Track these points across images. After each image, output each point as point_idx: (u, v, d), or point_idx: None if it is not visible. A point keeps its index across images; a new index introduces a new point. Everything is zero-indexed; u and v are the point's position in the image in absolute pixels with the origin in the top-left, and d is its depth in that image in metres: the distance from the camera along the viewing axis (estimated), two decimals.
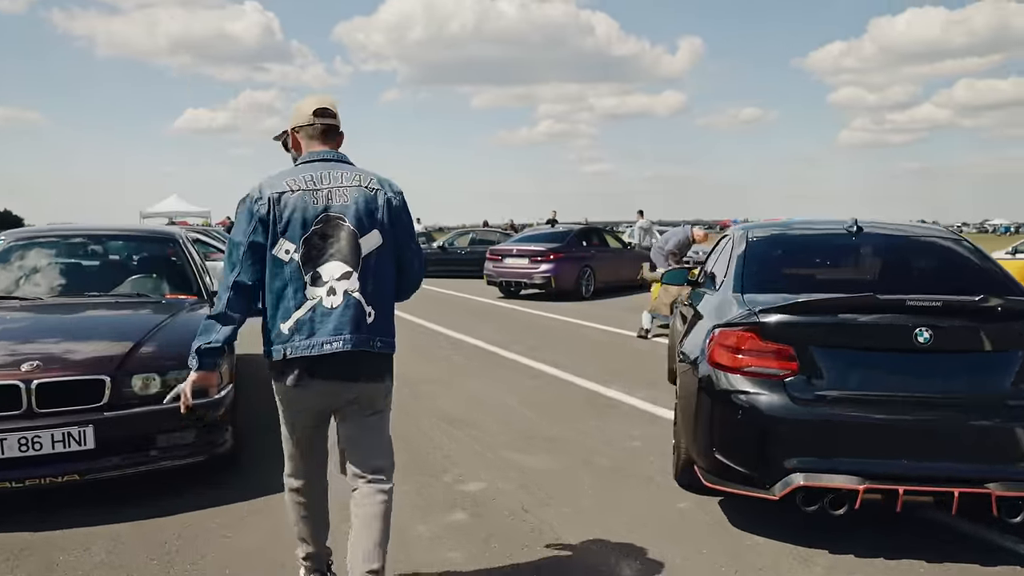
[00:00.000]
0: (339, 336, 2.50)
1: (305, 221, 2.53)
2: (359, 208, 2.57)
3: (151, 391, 3.80)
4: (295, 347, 2.52)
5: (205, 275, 5.46)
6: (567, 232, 15.40)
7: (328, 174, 2.60)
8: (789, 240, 4.58)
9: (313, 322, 2.51)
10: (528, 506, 3.86)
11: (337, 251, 2.54)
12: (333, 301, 2.52)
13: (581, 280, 14.74)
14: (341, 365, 2.53)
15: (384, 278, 2.62)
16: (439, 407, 5.89)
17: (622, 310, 12.96)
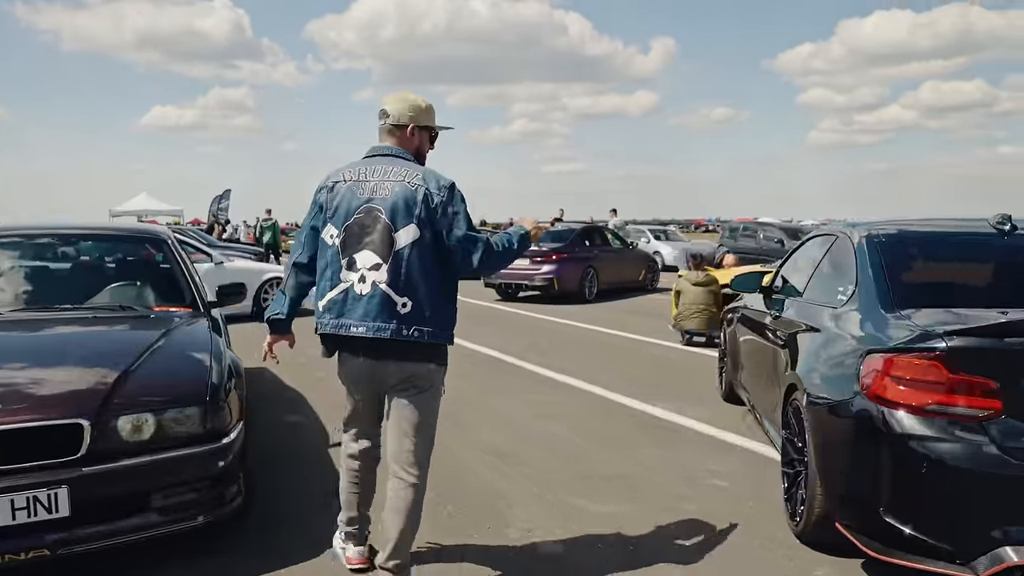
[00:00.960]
0: (364, 322, 2.68)
1: (349, 210, 2.73)
2: (397, 203, 2.68)
3: (144, 436, 2.94)
4: (324, 324, 2.78)
5: (199, 281, 4.60)
6: (569, 231, 14.63)
7: (379, 168, 2.75)
8: (926, 242, 3.80)
9: (344, 304, 2.71)
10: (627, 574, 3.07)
11: (371, 242, 2.68)
12: (363, 289, 2.68)
13: (584, 281, 13.99)
14: (372, 349, 2.72)
15: (423, 271, 2.69)
16: (479, 437, 5.07)
17: (629, 313, 12.22)
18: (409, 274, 2.68)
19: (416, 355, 2.74)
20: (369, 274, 2.69)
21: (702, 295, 8.69)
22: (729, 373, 5.80)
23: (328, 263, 2.77)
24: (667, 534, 3.48)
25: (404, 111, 2.85)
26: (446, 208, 2.71)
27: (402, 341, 2.68)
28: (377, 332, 2.67)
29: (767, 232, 20.90)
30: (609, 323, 10.86)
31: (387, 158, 2.81)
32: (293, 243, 2.96)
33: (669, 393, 6.31)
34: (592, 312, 12.38)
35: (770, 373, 4.32)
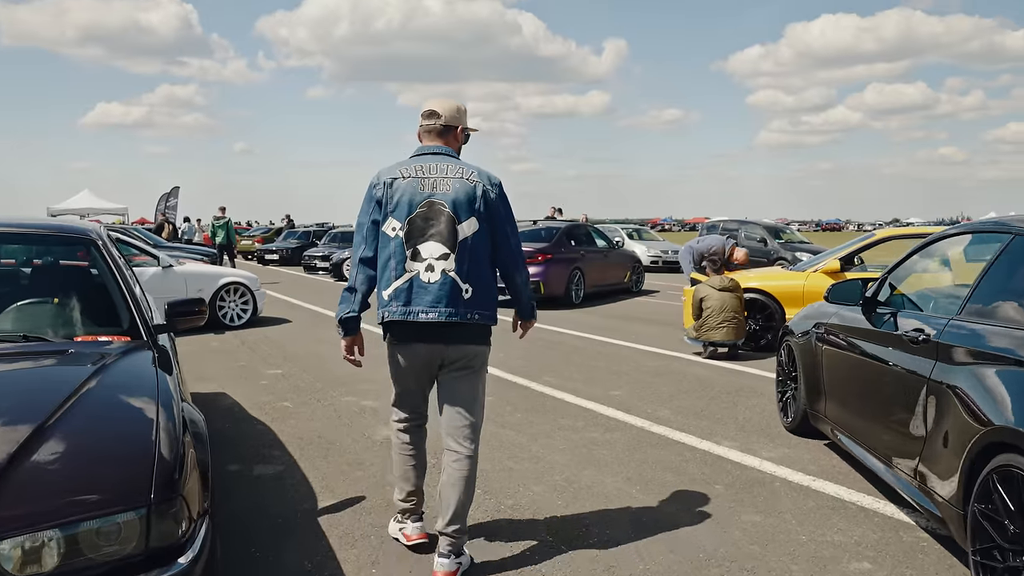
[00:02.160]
0: (436, 308, 2.86)
1: (411, 204, 2.89)
2: (459, 197, 2.90)
3: (45, 567, 1.76)
4: (391, 312, 2.90)
5: (141, 296, 3.38)
6: (554, 230, 13.54)
7: (435, 166, 2.95)
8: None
9: (411, 292, 2.88)
10: None
11: (437, 233, 2.88)
12: (431, 277, 2.87)
13: (571, 284, 12.92)
14: (439, 332, 2.89)
15: (481, 260, 2.94)
16: (531, 498, 3.94)
17: (624, 319, 11.18)
18: (472, 262, 2.90)
19: (476, 337, 2.97)
20: (437, 263, 2.87)
21: (730, 302, 7.67)
22: (802, 401, 4.75)
23: (392, 254, 2.91)
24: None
25: (454, 113, 3.06)
26: (498, 204, 2.98)
27: (466, 324, 2.90)
28: (448, 317, 2.86)
29: (748, 231, 20.13)
30: (609, 332, 9.79)
31: (439, 156, 2.99)
32: (355, 239, 3.03)
33: (724, 424, 5.25)
34: (584, 319, 11.32)
35: (907, 414, 3.28)
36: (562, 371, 7.18)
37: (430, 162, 2.96)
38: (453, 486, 2.93)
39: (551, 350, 8.41)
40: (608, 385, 6.56)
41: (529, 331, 3.38)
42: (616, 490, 3.96)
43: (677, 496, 3.87)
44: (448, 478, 2.95)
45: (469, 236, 2.90)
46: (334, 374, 6.97)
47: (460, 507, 2.92)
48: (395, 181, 2.93)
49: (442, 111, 3.05)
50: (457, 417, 2.99)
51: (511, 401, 5.95)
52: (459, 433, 2.98)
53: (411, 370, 3.03)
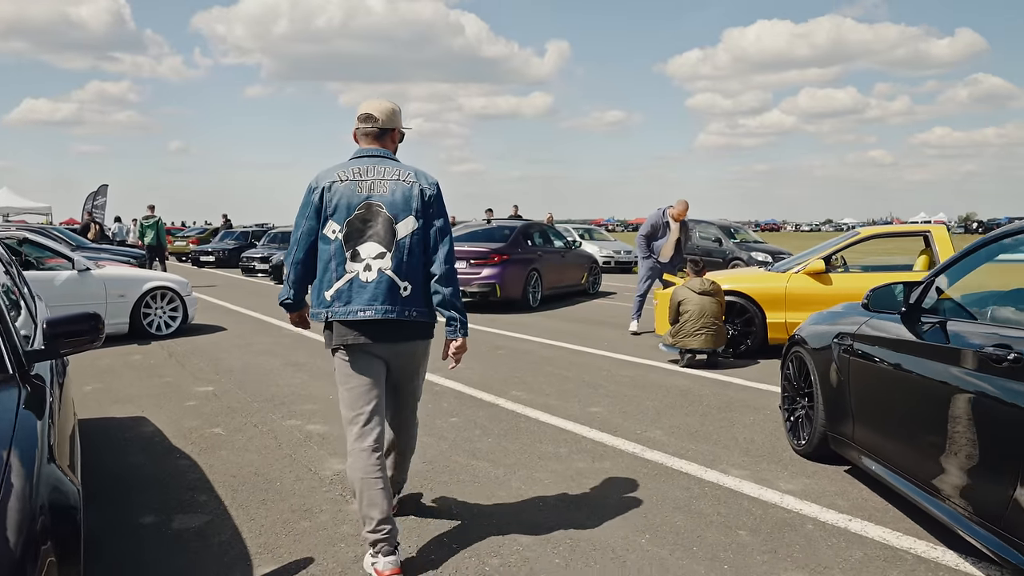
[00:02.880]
0: (372, 306, 2.92)
1: (350, 207, 2.96)
2: (396, 199, 2.98)
3: None
4: (334, 312, 2.95)
5: (27, 312, 2.55)
6: (510, 228, 12.82)
7: (373, 168, 3.01)
8: None
9: (351, 292, 2.94)
10: None
11: (375, 234, 2.95)
12: (369, 276, 2.93)
13: (528, 287, 12.24)
14: (380, 330, 2.95)
15: (419, 259, 3.00)
16: (521, 554, 3.21)
17: (587, 324, 10.54)
18: (409, 261, 2.98)
19: (416, 334, 3.07)
20: (374, 263, 2.94)
21: (710, 307, 7.07)
22: (820, 422, 4.14)
23: (332, 256, 2.96)
24: None
25: (390, 115, 3.13)
26: (435, 204, 3.05)
27: (405, 322, 2.98)
28: (385, 314, 2.92)
29: (703, 230, 19.76)
30: (574, 338, 9.13)
31: (377, 159, 3.06)
32: (291, 240, 3.06)
33: (726, 447, 4.62)
34: (546, 323, 10.64)
35: (987, 449, 2.68)
36: (532, 384, 6.48)
37: (368, 164, 3.03)
38: (402, 456, 3.34)
39: (516, 359, 7.70)
40: (586, 400, 5.88)
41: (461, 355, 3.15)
42: (623, 541, 3.26)
43: (696, 547, 3.19)
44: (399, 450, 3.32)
45: (406, 236, 2.98)
46: (273, 391, 6.14)
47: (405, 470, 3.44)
48: (333, 184, 2.99)
49: (379, 114, 3.12)
50: (404, 406, 3.25)
51: (480, 423, 5.21)
52: (404, 421, 3.27)
53: (364, 371, 3.02)
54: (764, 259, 18.42)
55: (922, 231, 7.41)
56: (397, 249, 2.95)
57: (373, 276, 2.93)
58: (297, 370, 7.05)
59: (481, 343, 8.78)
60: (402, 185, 3.00)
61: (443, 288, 3.01)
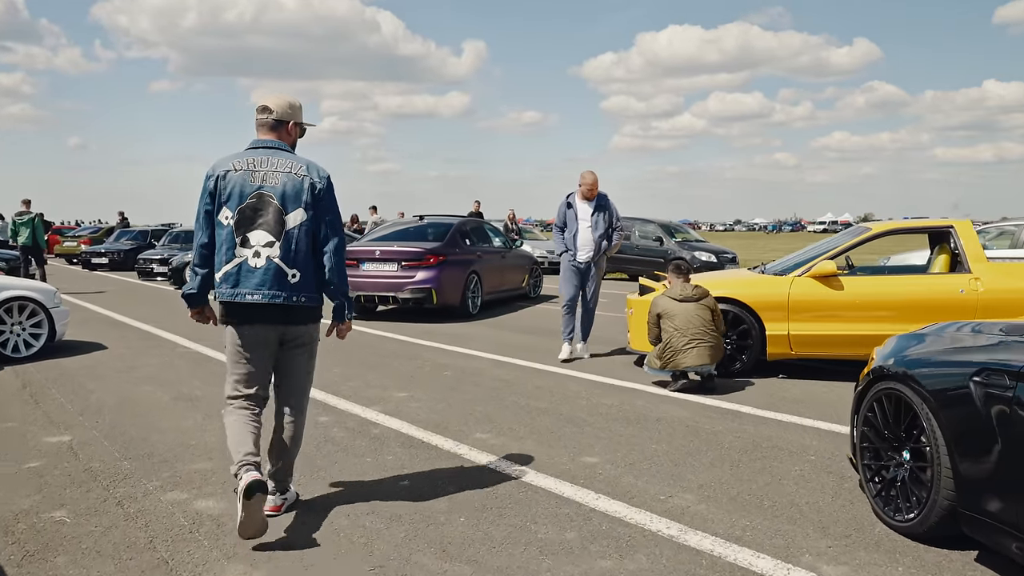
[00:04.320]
0: (260, 290, 3.10)
1: (242, 195, 3.11)
2: (287, 190, 3.14)
3: None
4: (222, 293, 3.14)
5: None
6: (446, 226, 11.36)
7: (267, 159, 3.17)
8: None
9: (239, 276, 3.11)
10: None
11: (265, 222, 3.12)
12: (257, 262, 3.11)
13: (467, 291, 10.82)
14: (268, 313, 3.14)
15: (307, 248, 3.18)
16: None
17: (537, 335, 9.20)
18: (298, 250, 3.15)
19: (304, 318, 3.24)
20: (263, 250, 3.11)
21: (697, 315, 5.85)
22: (945, 494, 2.91)
23: (224, 241, 3.13)
24: None
25: (286, 108, 3.28)
26: (326, 196, 3.21)
27: (292, 306, 3.16)
28: (272, 299, 3.11)
29: (642, 229, 18.76)
30: (529, 353, 7.77)
31: (271, 150, 3.22)
32: (195, 226, 3.20)
33: (794, 523, 3.33)
34: (490, 334, 9.25)
35: None
36: (497, 421, 5.08)
37: (262, 155, 3.18)
38: (284, 442, 3.34)
39: (469, 384, 6.28)
40: (573, 445, 4.52)
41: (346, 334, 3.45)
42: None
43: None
44: (281, 434, 3.34)
45: (295, 227, 3.14)
46: (154, 441, 4.55)
47: (289, 457, 3.38)
48: (228, 173, 3.14)
49: (274, 106, 3.26)
50: (291, 389, 3.36)
51: (443, 488, 3.78)
52: (293, 402, 3.37)
53: (248, 349, 3.21)
54: (708, 259, 17.55)
55: (944, 226, 6.38)
56: (286, 239, 3.13)
57: (262, 263, 3.11)
58: (190, 407, 5.45)
59: (421, 361, 7.31)
60: (293, 178, 3.16)
61: (334, 277, 3.24)
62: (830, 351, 6.29)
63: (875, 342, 6.18)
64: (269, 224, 3.12)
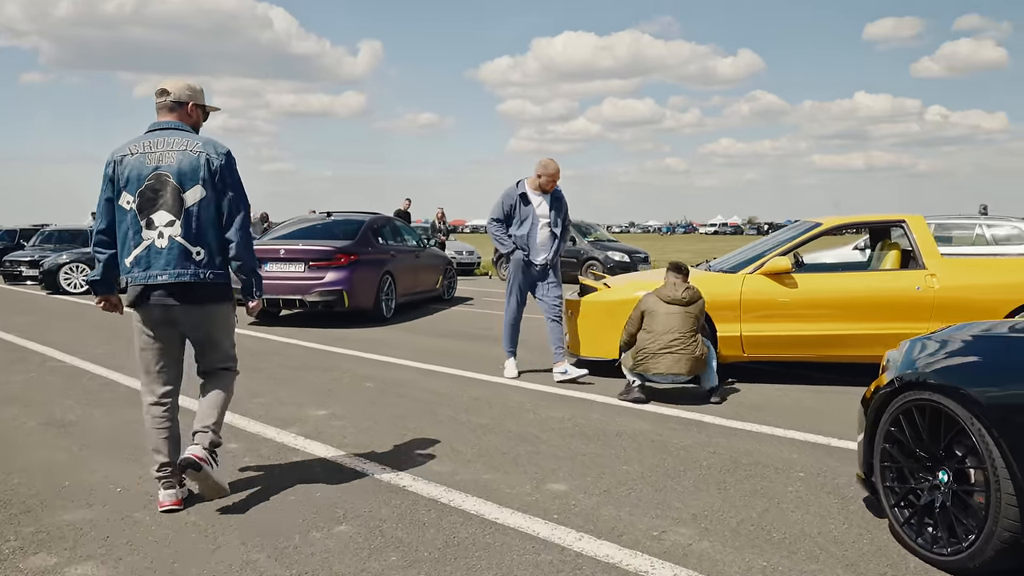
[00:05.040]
0: (167, 270, 3.13)
1: (140, 178, 3.14)
2: (183, 168, 3.14)
3: None
4: (134, 277, 3.17)
5: None
6: (356, 223, 10.52)
7: (163, 140, 3.19)
8: None
9: (148, 258, 3.14)
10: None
11: (164, 203, 3.13)
12: (162, 243, 3.13)
13: (381, 294, 10.04)
14: (179, 293, 3.16)
15: (210, 225, 3.19)
16: None
17: (464, 340, 8.57)
18: (200, 227, 3.17)
19: (214, 296, 3.25)
20: (166, 230, 3.13)
21: (680, 321, 5.35)
22: (1005, 524, 2.46)
23: (129, 226, 3.16)
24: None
25: (183, 90, 3.31)
26: (225, 172, 3.21)
27: (202, 284, 3.18)
28: (178, 278, 3.14)
29: None
30: (456, 360, 7.11)
31: (168, 131, 3.23)
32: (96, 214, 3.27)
33: (814, 559, 2.82)
34: (409, 340, 8.54)
35: None
36: (438, 441, 4.40)
37: (159, 137, 3.20)
38: (210, 399, 3.34)
39: (396, 398, 5.57)
40: (533, 469, 3.91)
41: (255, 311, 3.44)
42: None
43: None
44: (208, 395, 3.36)
45: (194, 204, 3.15)
46: (16, 482, 3.63)
47: (217, 414, 3.33)
48: (124, 158, 3.17)
49: (172, 88, 3.28)
50: (210, 364, 3.38)
51: (387, 528, 3.08)
52: (211, 373, 3.39)
53: (159, 331, 3.25)
54: (621, 258, 17.33)
55: (896, 220, 6.13)
56: (186, 217, 3.14)
57: (165, 243, 3.13)
58: (62, 434, 4.52)
59: (338, 372, 6.53)
60: (189, 155, 3.16)
61: (240, 253, 3.24)
62: (784, 353, 5.92)
63: (831, 343, 5.90)
64: (168, 204, 3.13)
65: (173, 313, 3.20)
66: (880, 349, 5.69)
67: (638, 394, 5.40)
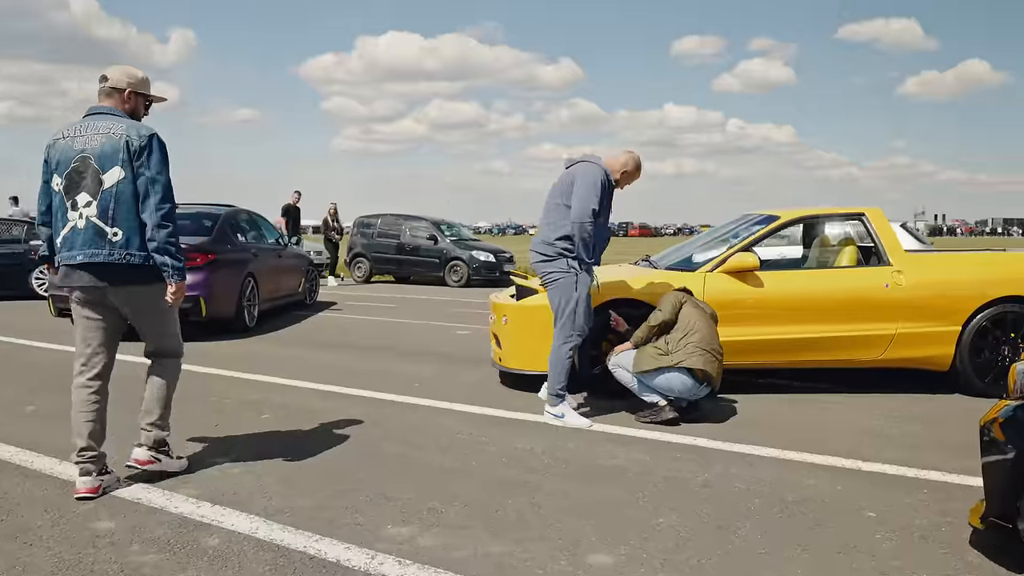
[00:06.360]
0: (84, 250, 3.18)
1: (67, 160, 3.21)
2: (104, 150, 3.18)
3: None
4: (61, 257, 3.25)
5: None
6: (212, 216, 8.93)
7: (93, 124, 3.25)
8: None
9: (72, 239, 3.21)
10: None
11: (85, 185, 3.19)
12: (81, 224, 3.19)
13: (243, 299, 8.56)
14: (97, 273, 3.19)
15: (128, 205, 3.18)
16: None
17: (345, 350, 7.42)
18: (117, 208, 3.17)
19: (138, 277, 3.24)
20: (85, 211, 3.18)
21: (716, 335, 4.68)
22: None
23: (58, 207, 3.25)
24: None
25: (120, 76, 3.35)
26: (142, 154, 3.19)
27: (116, 265, 3.18)
28: (92, 258, 3.17)
29: (414, 227, 17.27)
30: (359, 380, 5.94)
31: (100, 115, 3.28)
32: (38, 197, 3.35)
33: None
34: (287, 354, 7.22)
35: None
36: (396, 493, 3.32)
37: (90, 121, 3.26)
38: (152, 390, 3.42)
39: (317, 433, 4.37)
40: (551, 532, 2.93)
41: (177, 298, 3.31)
42: None
43: None
44: (150, 384, 3.44)
45: (112, 185, 3.17)
46: None
47: (160, 409, 3.41)
48: (56, 141, 3.27)
49: (111, 75, 3.34)
50: (152, 342, 3.44)
51: None
52: (157, 353, 3.46)
53: (86, 310, 3.28)
54: (487, 259, 16.53)
55: (856, 212, 5.69)
56: (103, 198, 3.17)
57: (83, 223, 3.18)
58: None
59: (218, 399, 5.18)
60: (111, 137, 3.19)
61: (155, 234, 3.18)
62: (751, 359, 5.30)
63: (802, 347, 5.28)
64: (88, 185, 3.19)
65: (97, 294, 3.25)
66: (851, 352, 5.29)
67: (671, 414, 4.49)
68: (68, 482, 3.36)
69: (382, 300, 12.96)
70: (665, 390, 4.54)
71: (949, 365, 5.35)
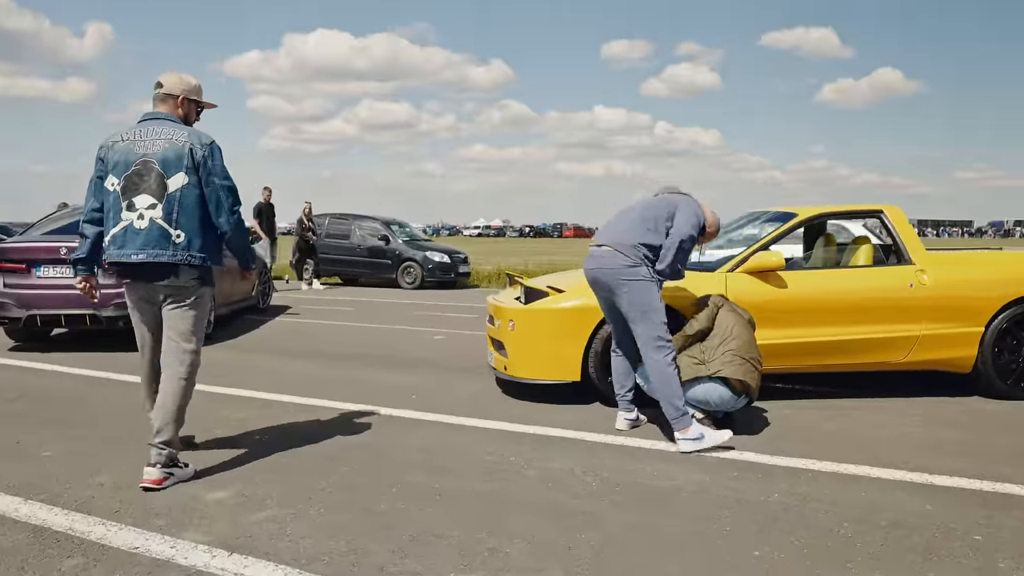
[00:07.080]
0: (144, 250, 3.31)
1: (127, 163, 3.35)
2: (168, 156, 3.35)
3: None
4: (110, 255, 3.37)
5: None
6: None
7: (152, 129, 3.42)
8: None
9: (125, 238, 3.33)
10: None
11: (148, 187, 3.33)
12: (141, 224, 3.32)
13: None
14: (153, 272, 3.35)
15: (192, 210, 3.37)
16: None
17: (320, 359, 6.90)
18: (181, 212, 3.35)
19: (189, 277, 3.39)
20: (147, 212, 3.32)
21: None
22: None
23: (111, 206, 3.37)
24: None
25: (175, 83, 3.55)
26: (207, 160, 3.40)
27: (176, 264, 3.35)
28: (156, 258, 3.32)
29: (365, 227, 16.62)
30: (344, 391, 5.43)
31: (158, 120, 3.46)
32: (86, 195, 3.49)
33: None
34: (257, 363, 6.65)
35: None
36: (444, 531, 2.87)
37: (149, 126, 3.43)
38: (162, 403, 3.38)
39: (324, 456, 3.86)
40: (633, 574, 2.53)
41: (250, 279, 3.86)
42: None
43: None
44: (162, 390, 3.41)
45: (177, 189, 3.33)
46: None
47: (167, 422, 3.35)
48: (115, 144, 3.40)
49: (165, 82, 3.53)
50: (175, 345, 3.43)
51: None
52: (175, 359, 3.43)
53: (135, 308, 3.52)
54: (442, 259, 16.01)
55: (875, 210, 5.46)
56: (168, 201, 3.33)
57: (145, 224, 3.31)
58: None
59: (196, 418, 4.58)
60: (175, 144, 3.36)
61: (234, 234, 3.49)
62: (777, 364, 5.00)
63: (830, 350, 4.89)
64: (152, 188, 3.32)
65: (148, 292, 3.40)
66: (877, 355, 5.06)
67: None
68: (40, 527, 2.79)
69: (337, 303, 12.33)
70: (701, 403, 4.19)
71: (971, 367, 5.17)
